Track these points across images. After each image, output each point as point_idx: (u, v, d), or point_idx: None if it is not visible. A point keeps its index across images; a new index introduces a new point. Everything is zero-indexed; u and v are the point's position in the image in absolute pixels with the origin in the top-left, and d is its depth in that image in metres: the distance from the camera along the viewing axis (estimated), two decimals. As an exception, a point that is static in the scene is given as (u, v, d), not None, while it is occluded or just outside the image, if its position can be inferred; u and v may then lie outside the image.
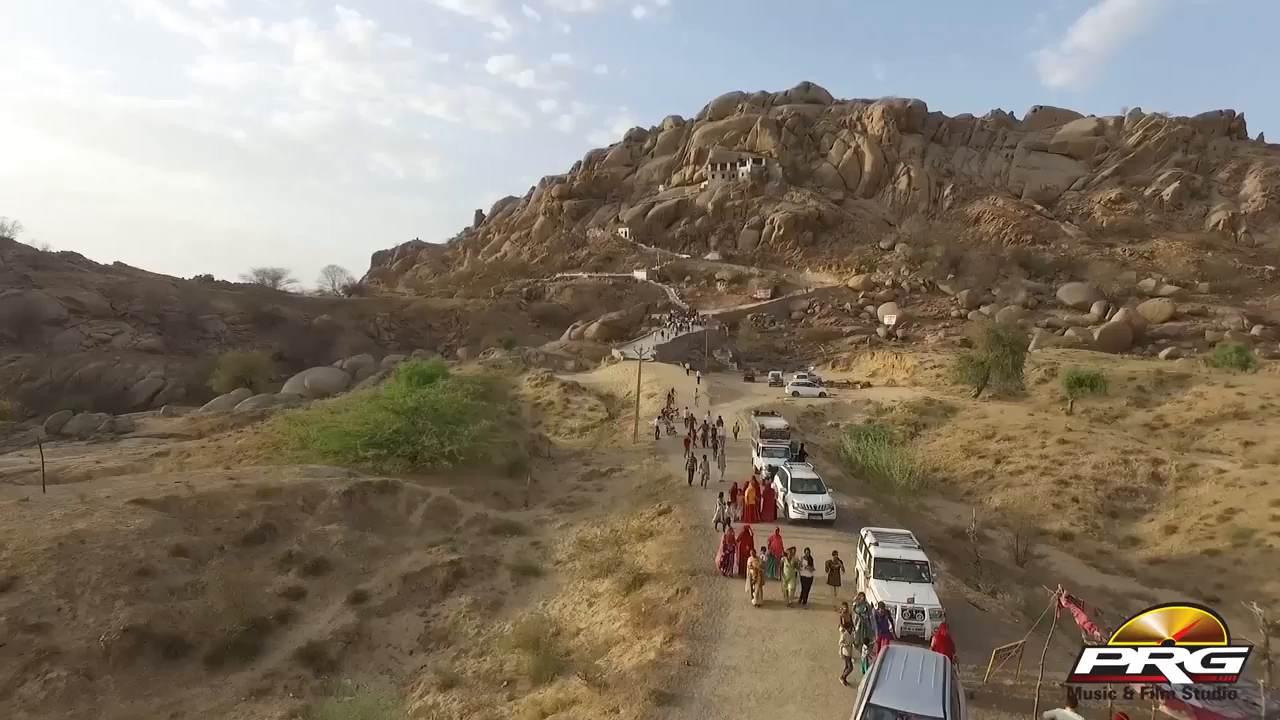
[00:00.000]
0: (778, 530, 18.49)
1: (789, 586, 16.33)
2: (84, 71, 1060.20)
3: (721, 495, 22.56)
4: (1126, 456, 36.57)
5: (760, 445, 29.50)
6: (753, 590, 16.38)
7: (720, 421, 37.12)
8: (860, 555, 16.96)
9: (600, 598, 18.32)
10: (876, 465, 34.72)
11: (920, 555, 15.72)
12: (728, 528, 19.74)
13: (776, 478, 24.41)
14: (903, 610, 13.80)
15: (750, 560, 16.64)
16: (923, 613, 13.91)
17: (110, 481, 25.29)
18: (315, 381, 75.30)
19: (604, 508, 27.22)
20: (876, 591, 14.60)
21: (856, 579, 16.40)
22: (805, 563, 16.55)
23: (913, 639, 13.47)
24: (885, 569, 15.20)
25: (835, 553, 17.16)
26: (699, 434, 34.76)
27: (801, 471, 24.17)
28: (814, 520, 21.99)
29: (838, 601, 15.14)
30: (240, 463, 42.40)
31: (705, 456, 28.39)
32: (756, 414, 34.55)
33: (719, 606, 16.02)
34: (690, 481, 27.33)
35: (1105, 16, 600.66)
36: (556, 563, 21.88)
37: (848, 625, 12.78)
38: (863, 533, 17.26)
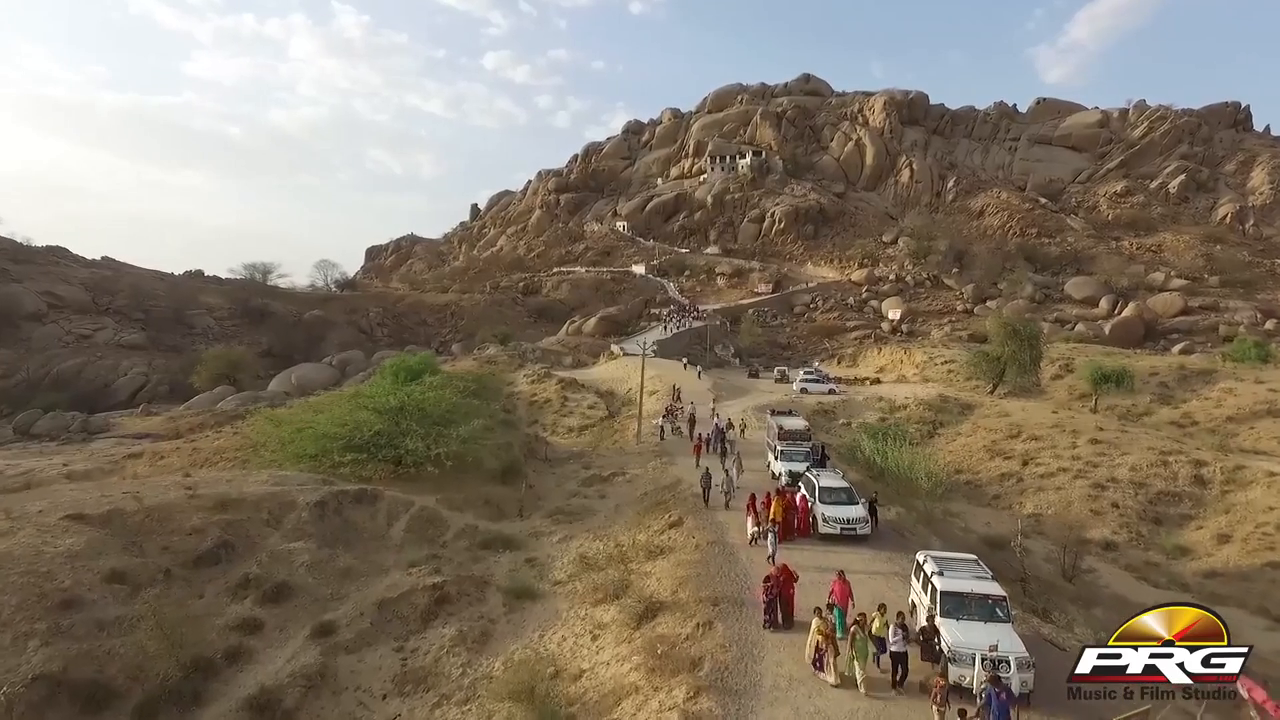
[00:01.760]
0: (841, 574, 14.44)
1: (858, 664, 11.92)
2: (80, 68, 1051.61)
3: (773, 529, 18.28)
4: (1165, 457, 34.12)
5: (778, 448, 26.77)
6: (819, 661, 12.19)
7: (730, 424, 34.32)
8: (917, 586, 14.28)
9: (606, 630, 15.73)
10: (897, 468, 32.27)
11: (995, 588, 13.09)
12: (770, 559, 16.58)
13: (802, 486, 21.79)
14: (983, 660, 11.23)
15: (816, 622, 12.41)
16: (1008, 663, 11.32)
17: (48, 491, 22.60)
18: (303, 378, 72.58)
19: (606, 518, 24.64)
20: (946, 635, 12.00)
21: (912, 611, 13.75)
22: (899, 631, 12.17)
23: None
24: (954, 606, 12.57)
25: (931, 616, 12.76)
26: (706, 439, 31.64)
27: (830, 479, 21.48)
28: (846, 536, 19.38)
29: (932, 676, 11.73)
30: (217, 465, 39.75)
31: (728, 471, 24.38)
32: (773, 413, 31.84)
33: (750, 648, 13.39)
34: (706, 501, 23.55)
35: (1101, 12, 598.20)
36: (555, 583, 19.29)
37: (942, 702, 10.08)
38: (920, 558, 14.56)
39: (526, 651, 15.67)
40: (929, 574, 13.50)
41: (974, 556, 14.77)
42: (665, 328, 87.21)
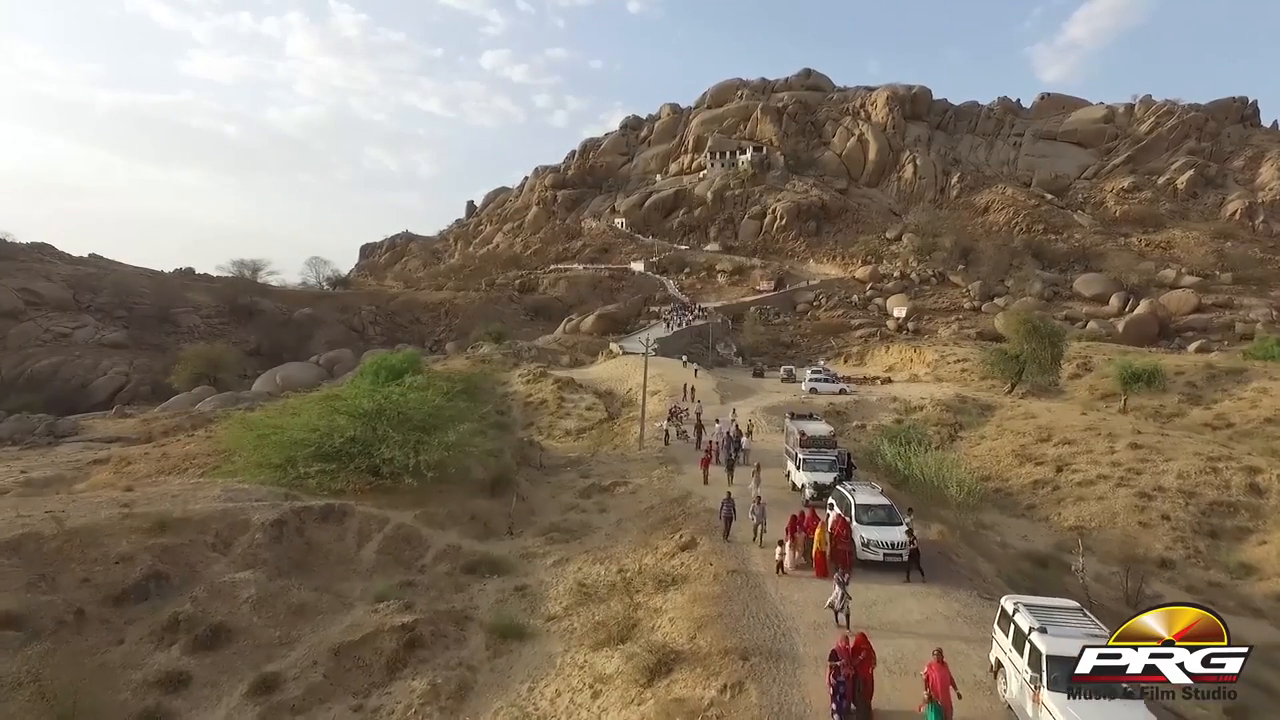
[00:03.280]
0: (939, 655, 10.55)
1: None
2: (75, 66, 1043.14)
3: (840, 580, 13.99)
4: (1214, 464, 31.36)
5: (799, 456, 23.91)
6: None
7: (739, 430, 31.20)
8: (1004, 642, 11.32)
9: (610, 684, 12.90)
10: (923, 475, 29.48)
11: None
12: (839, 620, 13.26)
13: (834, 503, 18.91)
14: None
15: None
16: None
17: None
18: (288, 378, 69.65)
19: (608, 536, 21.79)
20: (1058, 717, 9.17)
21: (994, 673, 10.87)
22: None
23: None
24: (1066, 676, 9.68)
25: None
26: (714, 447, 28.08)
27: (867, 494, 18.54)
28: (890, 562, 16.50)
29: None
30: (186, 471, 36.97)
31: (758, 499, 19.55)
32: (792, 416, 28.88)
33: (797, 725, 10.57)
34: (728, 533, 19.21)
35: (1099, 10, 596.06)
36: (548, 619, 16.47)
37: None
38: (1007, 606, 11.58)
39: (512, 712, 12.85)
40: (1024, 630, 10.57)
41: (1076, 604, 11.82)
42: (668, 325, 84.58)
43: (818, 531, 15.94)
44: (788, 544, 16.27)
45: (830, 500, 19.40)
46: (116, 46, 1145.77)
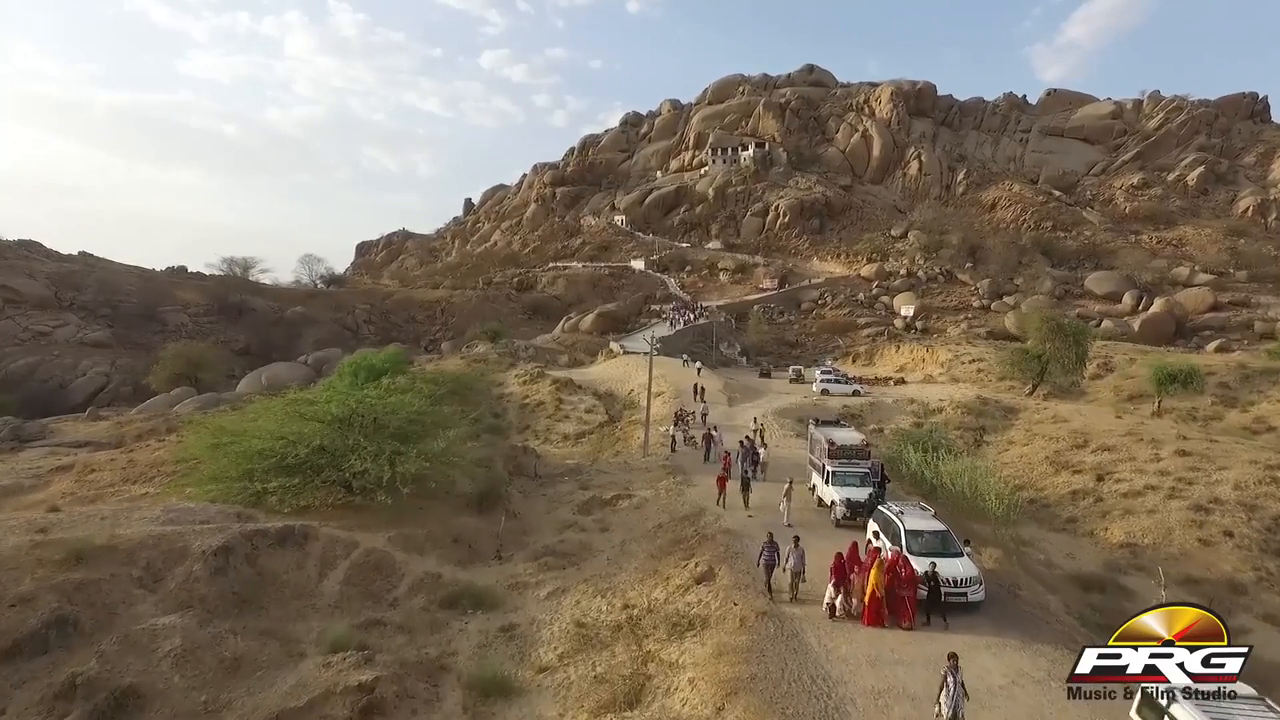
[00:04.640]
0: None
1: None
2: (73, 65, 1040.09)
3: (953, 672, 10.30)
4: (1274, 473, 28.65)
5: (828, 469, 21.09)
6: None
7: (750, 439, 28.24)
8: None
9: (615, 772, 10.10)
10: (954, 485, 26.71)
11: None
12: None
13: (878, 529, 16.12)
14: None
15: None
16: None
17: None
18: (274, 378, 66.72)
19: (610, 561, 19.00)
20: None
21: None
22: None
23: None
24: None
25: None
26: (731, 460, 24.66)
27: (918, 518, 15.76)
28: (951, 604, 13.68)
29: None
30: (153, 480, 34.19)
31: (796, 540, 15.43)
32: (817, 423, 25.89)
33: None
34: (770, 585, 15.03)
35: (1098, 11, 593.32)
36: (540, 669, 13.67)
37: None
38: (1164, 703, 8.79)
39: (492, 807, 10.05)
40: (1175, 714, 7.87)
41: (1254, 691, 8.97)
42: (671, 323, 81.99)
43: (873, 571, 13.04)
44: (842, 589, 13.33)
45: (874, 527, 16.56)
46: (115, 46, 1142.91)
